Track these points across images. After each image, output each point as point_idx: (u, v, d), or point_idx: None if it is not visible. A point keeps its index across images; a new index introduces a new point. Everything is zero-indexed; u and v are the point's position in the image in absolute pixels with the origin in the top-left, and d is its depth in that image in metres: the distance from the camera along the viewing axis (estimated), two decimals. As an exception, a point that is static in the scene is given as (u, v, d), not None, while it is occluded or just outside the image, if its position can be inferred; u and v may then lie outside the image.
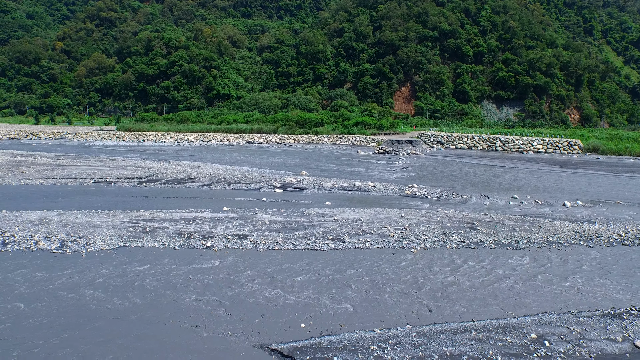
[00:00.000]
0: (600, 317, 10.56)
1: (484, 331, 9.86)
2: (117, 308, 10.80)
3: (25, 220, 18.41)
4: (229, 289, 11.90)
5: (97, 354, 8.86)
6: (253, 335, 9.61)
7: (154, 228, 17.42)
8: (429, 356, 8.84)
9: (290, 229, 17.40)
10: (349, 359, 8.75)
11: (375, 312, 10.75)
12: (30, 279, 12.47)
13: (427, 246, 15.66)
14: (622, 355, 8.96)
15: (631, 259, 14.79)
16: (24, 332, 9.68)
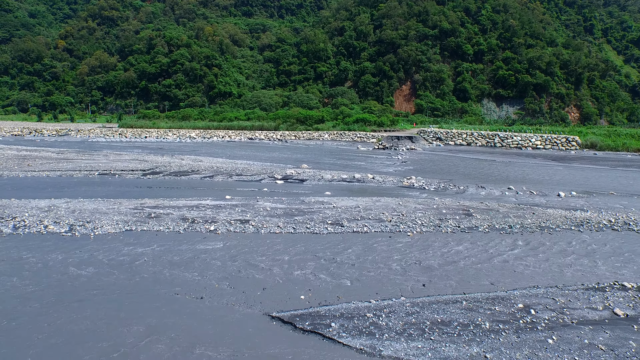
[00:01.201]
0: (585, 290, 11.11)
1: (474, 302, 10.42)
2: (125, 282, 11.37)
3: (34, 207, 18.99)
4: (231, 267, 12.46)
5: (105, 319, 9.44)
6: (255, 305, 10.17)
7: (158, 214, 17.99)
8: (421, 322, 9.40)
9: (291, 215, 17.96)
10: (345, 324, 9.31)
11: (372, 286, 11.31)
12: (43, 257, 13.06)
13: (423, 230, 16.21)
14: (602, 321, 9.51)
15: (619, 242, 15.32)
16: (42, 303, 10.28)
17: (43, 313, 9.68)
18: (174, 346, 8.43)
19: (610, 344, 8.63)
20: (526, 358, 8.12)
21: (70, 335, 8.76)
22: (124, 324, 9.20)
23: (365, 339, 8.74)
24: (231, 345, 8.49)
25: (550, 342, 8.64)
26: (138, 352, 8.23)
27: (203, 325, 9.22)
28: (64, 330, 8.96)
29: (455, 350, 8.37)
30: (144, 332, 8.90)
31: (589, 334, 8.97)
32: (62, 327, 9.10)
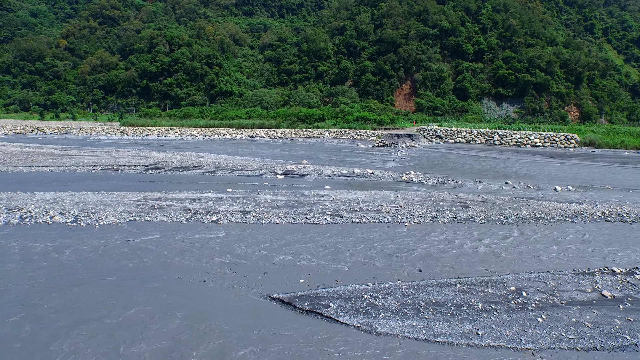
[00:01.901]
0: (575, 275, 11.48)
1: (468, 285, 10.78)
2: (130, 267, 11.75)
3: (39, 199, 19.37)
4: (233, 254, 12.83)
5: (112, 300, 9.82)
6: (256, 288, 10.54)
7: (161, 205, 18.37)
8: (416, 303, 9.77)
9: (291, 207, 18.34)
10: (343, 304, 9.68)
11: (369, 271, 11.67)
12: (50, 245, 13.44)
13: (421, 221, 16.58)
14: (590, 302, 9.87)
15: (612, 232, 15.68)
16: (53, 284, 10.67)
17: (52, 294, 10.06)
18: (179, 322, 8.81)
19: (596, 321, 8.99)
20: (516, 334, 8.48)
21: (80, 314, 9.15)
22: (130, 304, 9.58)
23: (362, 317, 9.11)
24: (233, 322, 8.86)
25: (539, 321, 9.00)
26: (146, 327, 8.60)
27: (206, 305, 9.60)
28: (73, 309, 9.34)
29: (448, 328, 8.74)
30: (150, 311, 9.28)
31: (577, 313, 9.33)
32: (71, 305, 9.48)
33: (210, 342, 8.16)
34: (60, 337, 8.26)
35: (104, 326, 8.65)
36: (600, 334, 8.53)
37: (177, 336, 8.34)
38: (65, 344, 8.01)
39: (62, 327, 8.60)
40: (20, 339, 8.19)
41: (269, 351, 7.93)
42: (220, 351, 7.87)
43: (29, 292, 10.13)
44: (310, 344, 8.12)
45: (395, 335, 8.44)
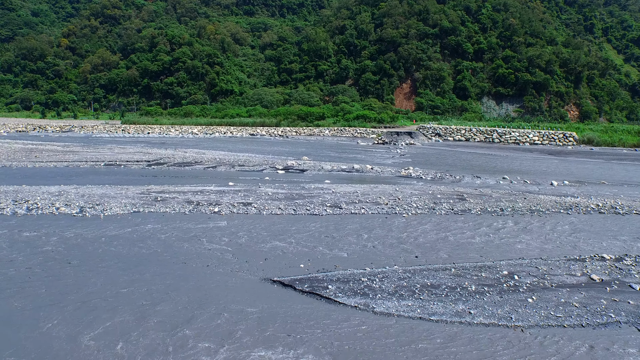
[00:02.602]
0: (566, 261, 11.85)
1: (462, 270, 11.16)
2: (136, 253, 12.14)
3: (45, 192, 19.76)
4: (235, 241, 13.21)
5: (120, 282, 10.22)
6: (257, 272, 10.92)
7: (164, 198, 18.76)
8: (412, 285, 10.15)
9: (291, 199, 18.72)
10: (342, 287, 10.06)
11: (367, 257, 12.05)
12: (58, 234, 13.84)
13: (418, 212, 16.96)
14: (579, 285, 10.25)
15: (604, 223, 16.05)
16: (64, 268, 11.08)
17: (62, 277, 10.46)
18: (185, 302, 9.20)
19: (584, 302, 9.37)
20: (507, 313, 8.86)
21: (90, 296, 9.54)
22: (137, 286, 9.97)
23: (360, 298, 9.49)
24: (235, 302, 9.24)
25: (530, 301, 9.38)
26: (154, 307, 8.99)
27: (210, 287, 9.98)
28: (83, 292, 9.73)
29: (442, 308, 9.12)
30: (157, 292, 9.67)
31: (566, 295, 9.71)
32: (81, 288, 9.88)
33: (213, 319, 8.54)
34: (81, 308, 8.67)
35: (112, 304, 9.05)
36: (586, 312, 8.91)
37: (181, 313, 8.73)
38: (83, 316, 8.42)
39: (76, 302, 9.00)
40: (54, 305, 8.60)
41: (270, 326, 8.31)
42: (223, 326, 8.26)
43: (45, 273, 10.54)
44: (309, 321, 8.51)
45: (391, 314, 8.82)
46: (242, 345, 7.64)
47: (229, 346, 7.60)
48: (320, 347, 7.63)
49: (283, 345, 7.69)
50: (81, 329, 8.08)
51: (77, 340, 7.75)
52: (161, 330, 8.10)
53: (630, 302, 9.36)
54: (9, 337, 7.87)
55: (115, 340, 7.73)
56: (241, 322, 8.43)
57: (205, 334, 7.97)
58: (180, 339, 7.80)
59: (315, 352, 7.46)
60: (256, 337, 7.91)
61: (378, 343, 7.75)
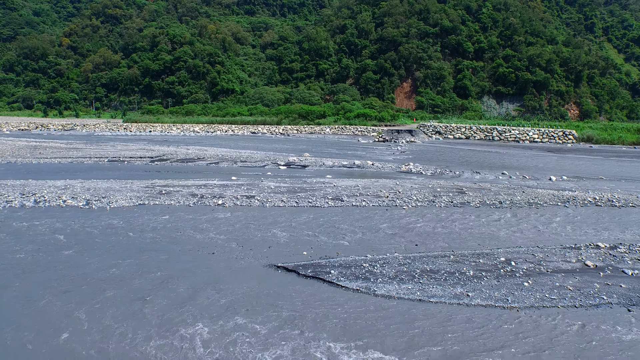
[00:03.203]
0: (562, 249, 12.17)
1: (461, 256, 11.49)
2: (142, 241, 12.47)
3: (51, 186, 20.10)
4: (239, 231, 13.54)
5: (130, 267, 10.56)
6: (262, 259, 11.25)
7: (169, 191, 19.09)
8: (412, 270, 10.47)
9: (294, 192, 19.05)
10: (344, 272, 10.39)
11: (368, 246, 12.38)
12: (66, 223, 14.18)
13: (418, 205, 17.27)
14: (573, 270, 10.58)
15: (601, 215, 16.36)
16: (77, 254, 11.43)
17: (74, 262, 10.81)
18: (193, 285, 9.54)
19: (577, 285, 9.70)
20: (503, 296, 9.19)
21: (101, 279, 9.89)
22: (147, 271, 10.31)
23: (361, 282, 9.82)
24: (241, 285, 9.58)
25: (525, 285, 9.71)
26: (164, 288, 9.33)
27: (216, 272, 10.31)
28: (93, 274, 10.08)
29: (441, 290, 9.45)
30: (165, 276, 10.00)
31: (561, 279, 10.04)
32: (91, 272, 10.22)
33: (219, 299, 8.88)
34: (93, 291, 9.02)
35: (120, 288, 9.39)
36: (580, 295, 9.23)
37: (188, 295, 9.07)
38: (96, 297, 8.77)
39: (92, 284, 9.35)
40: (75, 285, 8.94)
41: (275, 307, 8.64)
42: (228, 307, 8.59)
43: (58, 259, 10.89)
44: (313, 302, 8.84)
45: (392, 297, 9.15)
46: (246, 323, 7.98)
47: (234, 324, 7.93)
48: (326, 324, 7.96)
49: (289, 323, 8.02)
50: (101, 306, 8.43)
51: (101, 313, 8.10)
52: (166, 306, 8.44)
53: (622, 286, 9.68)
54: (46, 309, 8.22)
55: (126, 315, 8.08)
56: (245, 302, 8.76)
57: (210, 311, 8.31)
58: (185, 312, 8.14)
59: (321, 329, 7.79)
60: (261, 315, 8.25)
61: (379, 321, 8.08)
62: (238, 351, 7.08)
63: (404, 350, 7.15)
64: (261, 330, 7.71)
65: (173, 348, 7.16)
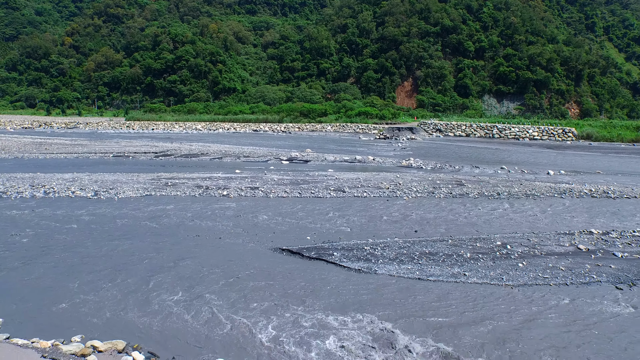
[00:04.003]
0: (556, 235, 12.62)
1: (459, 241, 11.93)
2: (152, 228, 12.93)
3: (59, 178, 20.58)
4: (244, 219, 14.00)
5: (141, 251, 11.03)
6: (267, 243, 11.70)
7: (174, 183, 19.56)
8: (411, 253, 10.92)
9: (296, 184, 19.51)
10: (346, 254, 10.84)
11: (370, 232, 12.82)
12: (76, 212, 14.66)
13: (418, 195, 17.73)
14: (566, 253, 11.02)
15: (596, 206, 16.80)
16: (90, 240, 11.90)
17: (91, 247, 11.28)
18: (202, 266, 10.00)
19: (569, 266, 10.14)
20: (498, 275, 9.63)
21: (115, 261, 10.36)
22: (157, 252, 10.78)
23: (363, 263, 10.27)
24: (247, 265, 10.03)
25: (520, 266, 10.15)
26: (170, 268, 9.80)
27: (223, 255, 10.77)
28: (106, 255, 10.55)
29: (439, 270, 9.89)
30: (176, 258, 10.47)
31: (554, 261, 10.48)
32: (105, 255, 10.70)
33: (227, 278, 9.34)
34: (106, 274, 9.50)
35: (134, 269, 9.87)
36: (571, 274, 9.68)
37: (196, 275, 9.53)
38: (108, 281, 9.24)
39: (107, 265, 9.82)
40: (91, 270, 9.42)
41: (280, 284, 9.10)
42: (235, 284, 9.05)
43: (76, 243, 11.37)
44: (317, 280, 9.29)
45: (392, 275, 9.60)
46: (252, 296, 8.44)
47: (245, 299, 8.40)
48: (330, 299, 8.42)
49: (296, 297, 8.48)
50: (119, 282, 8.90)
51: (125, 286, 8.57)
52: (176, 285, 8.90)
53: (611, 266, 10.13)
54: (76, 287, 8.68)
55: (141, 290, 8.54)
56: (251, 280, 9.22)
57: (218, 288, 8.77)
58: (195, 291, 8.60)
59: (326, 302, 8.25)
60: (267, 290, 8.71)
61: (380, 296, 8.54)
62: (245, 320, 7.53)
63: (402, 320, 7.61)
64: (267, 303, 8.16)
65: (189, 307, 7.62)
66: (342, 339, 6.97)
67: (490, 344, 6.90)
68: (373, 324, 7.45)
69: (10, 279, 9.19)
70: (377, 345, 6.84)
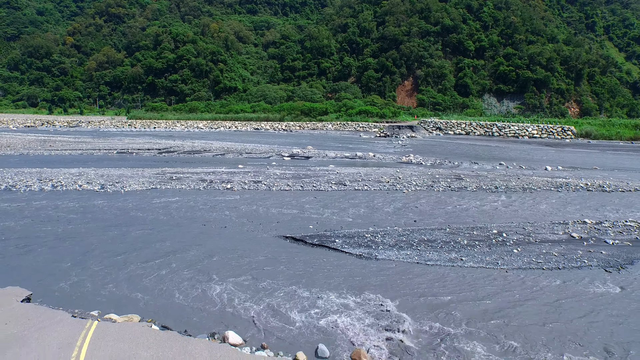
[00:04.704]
0: (551, 224, 13.01)
1: (456, 229, 12.33)
2: (159, 217, 13.34)
3: (66, 173, 20.99)
4: (248, 209, 14.40)
5: (149, 238, 11.44)
6: (271, 232, 12.11)
7: (179, 177, 19.97)
8: (410, 240, 11.33)
9: (299, 178, 19.91)
10: (348, 241, 11.25)
11: (370, 221, 13.22)
12: (85, 204, 15.08)
13: (418, 189, 18.12)
14: (560, 240, 11.42)
15: (591, 198, 17.18)
16: (100, 227, 12.30)
17: (100, 232, 11.70)
18: (209, 251, 10.41)
19: (562, 252, 10.54)
20: (494, 260, 10.03)
21: (126, 247, 10.78)
22: (165, 239, 11.19)
23: (364, 249, 10.68)
24: (252, 250, 10.45)
25: (515, 252, 10.55)
26: (177, 254, 10.21)
27: (229, 242, 11.18)
28: (117, 243, 10.97)
29: (437, 255, 10.30)
30: (184, 244, 10.89)
31: (547, 247, 10.88)
32: (116, 241, 11.12)
33: (233, 261, 9.75)
34: (122, 256, 9.92)
35: (148, 252, 10.29)
36: (563, 259, 10.08)
37: (203, 258, 9.95)
38: (121, 261, 9.66)
39: (121, 250, 10.25)
40: (104, 256, 9.84)
41: (284, 266, 9.51)
42: (241, 267, 9.46)
43: (80, 231, 11.79)
44: (319, 263, 9.70)
45: (392, 260, 10.00)
46: (261, 278, 8.86)
47: (252, 279, 8.81)
48: (332, 279, 8.83)
49: (302, 279, 8.89)
50: (133, 257, 9.33)
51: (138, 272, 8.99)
52: (184, 269, 9.32)
53: (602, 252, 10.53)
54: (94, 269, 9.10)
55: (153, 272, 8.96)
56: (257, 264, 9.64)
57: (225, 269, 9.19)
58: (203, 271, 9.03)
59: (330, 285, 8.66)
60: (273, 272, 9.12)
61: (381, 278, 8.95)
62: (252, 297, 7.95)
63: (400, 297, 8.02)
64: (273, 284, 8.58)
65: (198, 286, 8.03)
66: (342, 312, 7.39)
67: (482, 319, 7.31)
68: (371, 300, 7.86)
69: (35, 260, 9.63)
70: (374, 317, 7.26)
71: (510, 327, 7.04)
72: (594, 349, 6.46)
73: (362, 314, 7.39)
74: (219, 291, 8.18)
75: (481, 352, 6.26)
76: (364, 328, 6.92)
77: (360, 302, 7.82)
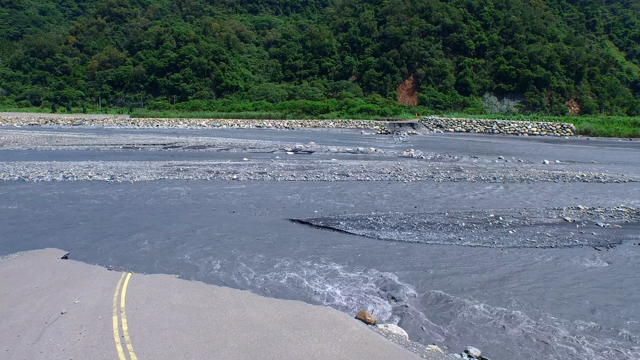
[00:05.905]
0: (546, 210, 13.55)
1: (455, 214, 12.88)
2: (170, 204, 13.90)
3: (75, 165, 21.57)
4: (255, 197, 14.95)
5: (162, 222, 12.00)
6: (277, 216, 12.66)
7: (186, 169, 20.53)
8: (411, 222, 11.87)
9: (302, 169, 20.46)
10: (351, 223, 11.80)
11: (372, 207, 13.75)
12: (97, 193, 15.65)
13: (418, 179, 18.66)
14: (554, 223, 11.96)
15: (586, 188, 17.70)
16: (115, 213, 12.86)
17: (116, 216, 12.26)
18: (219, 233, 10.97)
19: (555, 233, 11.08)
20: (490, 240, 10.58)
21: (142, 225, 11.34)
22: (177, 222, 11.76)
23: (367, 230, 11.23)
24: (261, 233, 11.00)
25: (510, 233, 11.10)
26: (190, 235, 10.78)
27: (238, 225, 11.74)
28: (133, 224, 11.54)
29: (436, 236, 10.85)
30: (196, 225, 11.45)
31: (541, 229, 11.43)
32: (131, 222, 11.68)
33: (244, 239, 10.31)
34: (141, 238, 10.48)
35: (163, 233, 10.86)
36: (556, 239, 10.62)
37: (214, 241, 10.50)
38: (135, 245, 10.21)
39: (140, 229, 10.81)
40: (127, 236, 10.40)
41: (291, 246, 10.07)
42: (251, 246, 10.02)
43: (102, 214, 12.35)
44: (325, 243, 10.25)
45: (393, 240, 10.55)
46: (274, 254, 9.42)
47: (262, 253, 9.38)
48: (338, 256, 9.38)
49: (308, 257, 9.45)
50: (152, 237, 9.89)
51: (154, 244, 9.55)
52: (197, 251, 9.89)
53: (593, 233, 11.07)
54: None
55: (166, 250, 9.53)
56: (266, 242, 10.19)
57: (236, 247, 9.75)
58: (218, 247, 9.59)
59: (336, 259, 9.22)
60: (281, 250, 9.68)
61: (383, 254, 9.50)
62: (264, 268, 8.50)
63: (402, 270, 8.57)
64: (282, 261, 9.13)
65: (215, 259, 8.59)
66: (349, 281, 7.96)
67: (480, 287, 7.86)
68: (374, 274, 8.42)
69: (65, 234, 10.20)
70: (378, 286, 7.82)
71: (506, 293, 7.60)
72: (582, 309, 7.01)
73: (367, 283, 7.94)
74: (229, 263, 8.73)
75: (481, 310, 6.81)
76: (368, 294, 7.47)
77: (364, 274, 8.37)
